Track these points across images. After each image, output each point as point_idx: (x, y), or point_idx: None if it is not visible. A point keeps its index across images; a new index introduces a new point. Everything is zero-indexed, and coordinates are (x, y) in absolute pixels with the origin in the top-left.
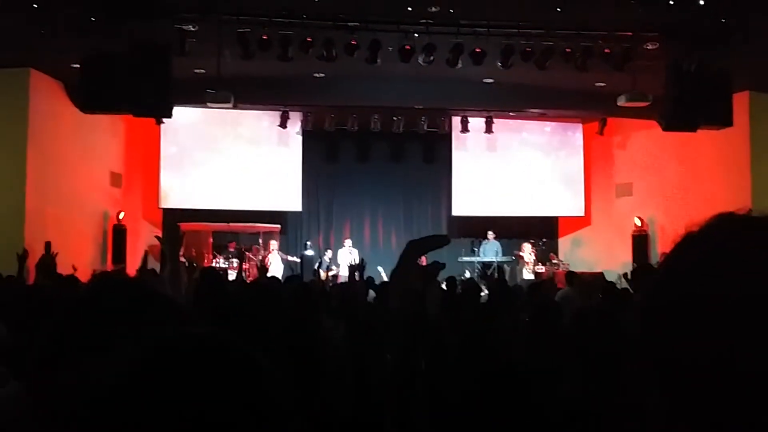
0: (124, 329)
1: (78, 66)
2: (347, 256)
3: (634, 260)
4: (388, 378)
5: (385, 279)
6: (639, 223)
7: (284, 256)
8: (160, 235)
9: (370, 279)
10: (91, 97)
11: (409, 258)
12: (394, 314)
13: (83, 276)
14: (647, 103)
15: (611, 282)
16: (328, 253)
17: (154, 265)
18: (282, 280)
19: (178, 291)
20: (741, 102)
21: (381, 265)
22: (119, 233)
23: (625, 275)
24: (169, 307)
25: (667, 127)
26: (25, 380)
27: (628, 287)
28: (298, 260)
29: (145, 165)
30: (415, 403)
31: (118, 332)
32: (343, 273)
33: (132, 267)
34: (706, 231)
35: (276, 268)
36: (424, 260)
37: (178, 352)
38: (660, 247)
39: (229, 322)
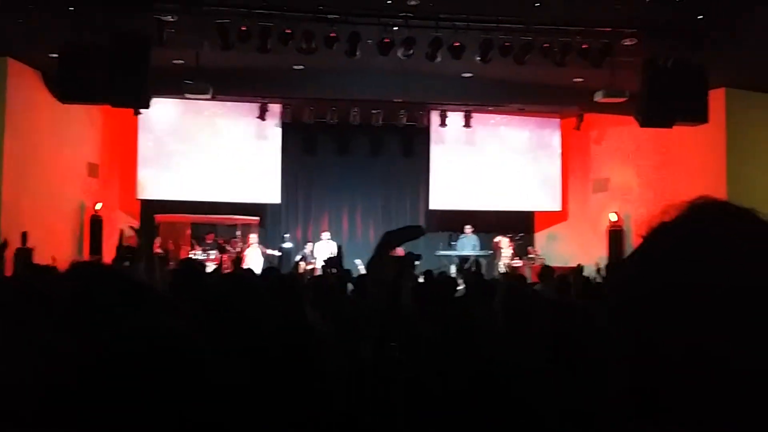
0: (98, 314)
1: (56, 56)
2: (325, 248)
3: (610, 255)
4: (365, 369)
5: (363, 272)
6: (615, 218)
7: (264, 249)
8: (137, 226)
9: (348, 272)
10: (69, 87)
11: (384, 248)
12: (369, 303)
13: (62, 267)
14: (624, 99)
15: (587, 276)
16: (309, 246)
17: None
18: (260, 273)
19: (153, 282)
20: (717, 98)
21: (359, 258)
22: (96, 224)
23: (598, 270)
24: (147, 295)
25: (644, 123)
26: None
27: (603, 282)
28: (279, 253)
29: (122, 155)
30: (393, 393)
31: (92, 317)
32: (321, 265)
33: (109, 258)
34: (683, 217)
35: (255, 261)
36: (401, 251)
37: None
38: (635, 242)
39: (208, 315)
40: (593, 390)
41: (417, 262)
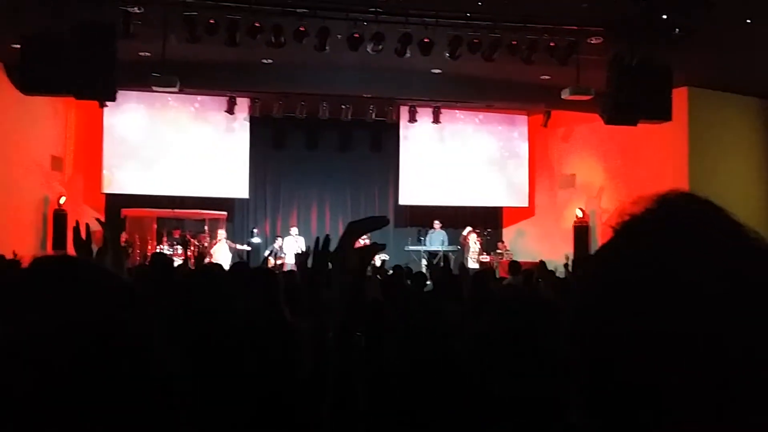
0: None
1: (18, 46)
2: (293, 244)
3: (576, 250)
4: (330, 359)
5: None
6: (580, 215)
7: (233, 245)
8: (103, 220)
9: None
10: (32, 79)
11: (348, 239)
12: (333, 293)
13: (25, 261)
14: (590, 97)
15: (551, 271)
16: (278, 241)
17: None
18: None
19: (122, 273)
20: (680, 97)
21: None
22: (60, 218)
23: (566, 265)
24: (115, 286)
25: (609, 120)
26: None
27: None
28: (248, 248)
29: (87, 149)
30: (356, 383)
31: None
32: (290, 261)
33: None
34: (655, 209)
35: (224, 256)
36: (362, 242)
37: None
38: (600, 238)
39: (175, 308)
40: (553, 381)
41: (382, 255)
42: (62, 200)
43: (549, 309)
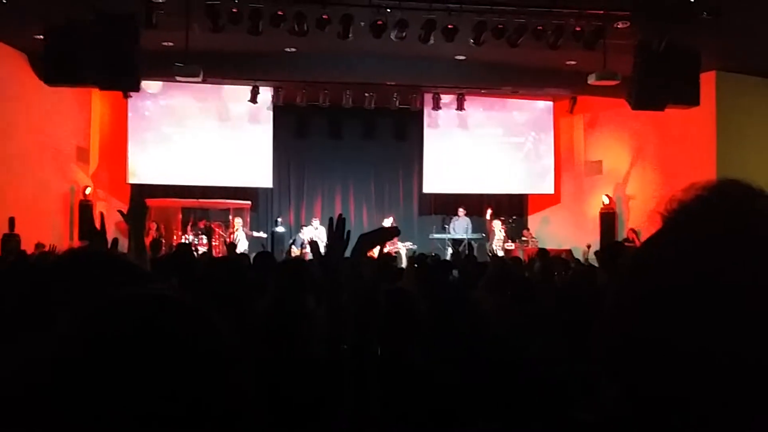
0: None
1: (42, 37)
2: (314, 235)
3: (602, 238)
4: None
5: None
6: (607, 201)
7: (249, 233)
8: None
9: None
10: (56, 70)
11: (360, 251)
12: (347, 303)
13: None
14: (617, 82)
15: (578, 259)
16: (303, 231)
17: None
18: (252, 257)
19: (144, 266)
20: (708, 81)
21: (351, 242)
22: (85, 209)
23: (596, 252)
24: (134, 273)
25: (636, 105)
26: None
27: (595, 263)
28: (264, 235)
29: (112, 139)
30: (370, 387)
31: (78, 300)
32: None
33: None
34: (712, 200)
35: (241, 245)
36: (376, 252)
37: (125, 309)
38: (627, 224)
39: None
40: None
41: (408, 243)
42: (88, 191)
43: (583, 298)
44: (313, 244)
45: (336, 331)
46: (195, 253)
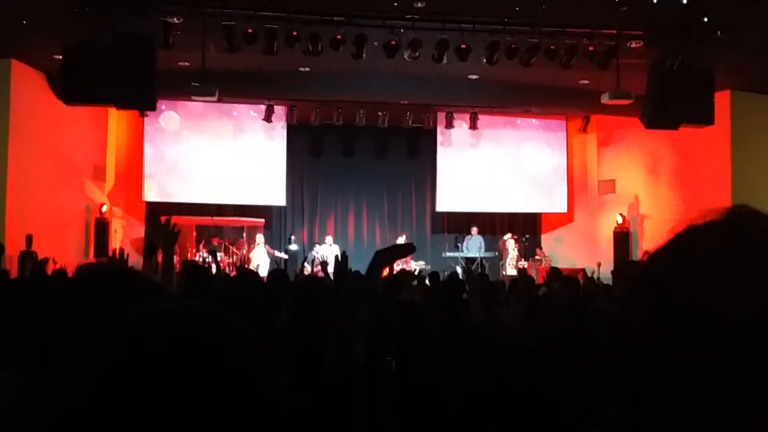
0: (114, 313)
1: (60, 57)
2: (327, 251)
3: (616, 257)
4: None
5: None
6: (620, 220)
7: (271, 251)
8: (144, 227)
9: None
10: (74, 89)
11: (376, 268)
12: (363, 319)
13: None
14: (630, 101)
15: (592, 278)
16: (316, 248)
17: (137, 259)
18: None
19: (170, 287)
20: (723, 101)
21: (364, 261)
22: (101, 227)
23: (612, 272)
24: (158, 291)
25: (650, 125)
26: (16, 371)
27: (602, 281)
28: (285, 256)
29: (128, 158)
30: (384, 401)
31: (108, 316)
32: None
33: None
34: (723, 221)
35: (262, 261)
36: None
37: (168, 324)
38: (641, 243)
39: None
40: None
41: (420, 262)
42: (104, 209)
43: (595, 316)
44: (324, 265)
45: (350, 346)
46: (208, 271)
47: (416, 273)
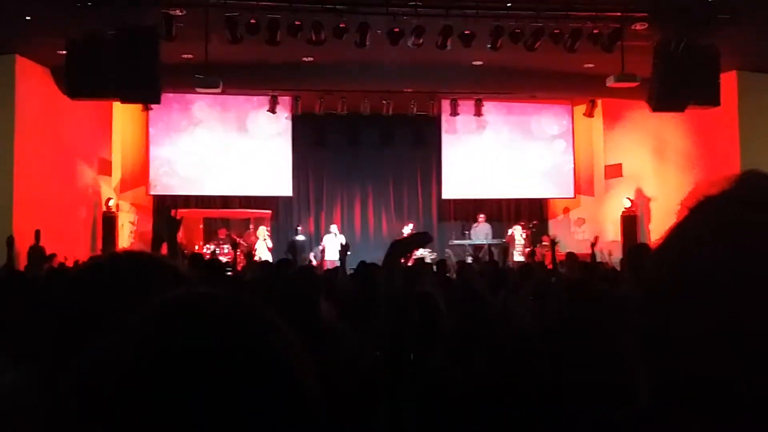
0: (136, 298)
1: (64, 52)
2: (333, 242)
3: (624, 241)
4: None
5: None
6: (628, 204)
7: (270, 248)
8: (151, 222)
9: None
10: (78, 83)
11: (393, 257)
12: (381, 312)
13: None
14: (636, 84)
15: (603, 262)
16: (324, 239)
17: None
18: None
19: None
20: (729, 81)
21: (371, 250)
22: (108, 220)
23: (593, 255)
24: (177, 275)
25: (656, 107)
26: (31, 366)
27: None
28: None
29: (134, 152)
30: (404, 396)
31: (129, 301)
32: (329, 258)
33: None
34: (733, 191)
35: (265, 254)
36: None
37: (194, 308)
38: (649, 227)
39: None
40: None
41: (427, 249)
42: (111, 203)
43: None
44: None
45: (369, 339)
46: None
47: (425, 262)
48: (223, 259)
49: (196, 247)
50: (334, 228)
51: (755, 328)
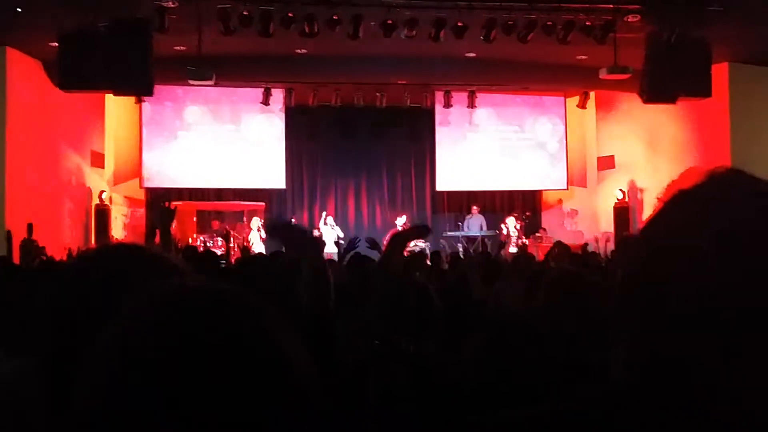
0: (129, 290)
1: (56, 44)
2: (329, 232)
3: (616, 232)
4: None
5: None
6: (621, 195)
7: (263, 239)
8: (144, 213)
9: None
10: (70, 75)
11: (394, 249)
12: (377, 300)
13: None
14: (628, 76)
15: (595, 253)
16: (316, 232)
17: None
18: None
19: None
20: (721, 73)
21: (364, 243)
22: (101, 213)
23: (584, 246)
24: (171, 266)
25: (647, 99)
26: (30, 358)
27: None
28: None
29: (127, 144)
30: (400, 384)
31: (122, 294)
32: (328, 250)
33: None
34: (704, 185)
35: (259, 246)
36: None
37: (188, 301)
38: (641, 217)
39: None
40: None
41: (420, 242)
42: (104, 195)
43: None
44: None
45: (367, 328)
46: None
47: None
48: (217, 251)
49: (190, 240)
50: (329, 219)
51: (721, 310)
